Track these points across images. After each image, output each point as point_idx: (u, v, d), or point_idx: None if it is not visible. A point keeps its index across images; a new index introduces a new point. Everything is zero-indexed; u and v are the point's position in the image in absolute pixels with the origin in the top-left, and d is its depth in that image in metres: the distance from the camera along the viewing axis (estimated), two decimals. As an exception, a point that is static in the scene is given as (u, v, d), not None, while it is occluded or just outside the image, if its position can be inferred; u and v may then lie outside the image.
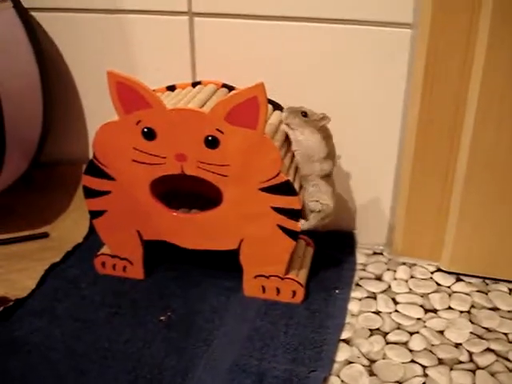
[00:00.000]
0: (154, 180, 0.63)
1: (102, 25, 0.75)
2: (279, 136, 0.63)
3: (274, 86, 0.61)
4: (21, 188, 0.83)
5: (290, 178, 0.60)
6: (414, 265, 0.76)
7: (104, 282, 0.70)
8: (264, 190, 0.60)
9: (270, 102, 0.66)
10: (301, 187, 0.64)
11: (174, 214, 0.65)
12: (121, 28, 0.74)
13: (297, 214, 0.61)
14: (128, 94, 0.58)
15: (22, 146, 0.74)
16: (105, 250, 0.71)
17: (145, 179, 0.63)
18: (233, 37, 0.71)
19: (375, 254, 0.78)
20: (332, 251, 0.76)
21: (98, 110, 0.80)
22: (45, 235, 0.78)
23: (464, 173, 0.68)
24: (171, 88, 0.68)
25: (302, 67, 0.71)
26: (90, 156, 0.61)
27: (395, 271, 0.74)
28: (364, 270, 0.75)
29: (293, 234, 0.62)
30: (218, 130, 0.58)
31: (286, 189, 0.60)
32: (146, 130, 0.60)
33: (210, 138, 0.58)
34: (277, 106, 0.69)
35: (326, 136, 0.63)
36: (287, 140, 0.64)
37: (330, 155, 0.63)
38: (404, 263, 0.76)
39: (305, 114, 0.62)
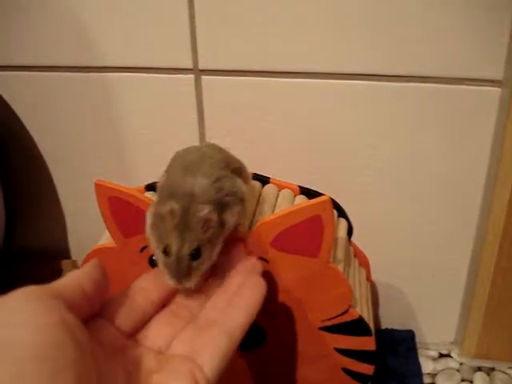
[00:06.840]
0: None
1: (76, 87, 0.56)
2: (340, 253, 0.46)
3: (304, 154, 0.53)
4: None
5: (364, 313, 0.44)
6: (493, 370, 0.60)
7: None
8: (326, 329, 0.43)
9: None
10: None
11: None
12: (103, 90, 0.55)
13: (370, 357, 0.45)
14: (127, 213, 0.40)
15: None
16: None
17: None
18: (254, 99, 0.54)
19: (442, 356, 0.62)
20: (391, 356, 0.60)
21: (73, 194, 0.62)
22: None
23: None
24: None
25: (343, 131, 0.54)
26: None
27: (471, 382, 0.59)
28: (434, 383, 0.59)
29: (363, 379, 0.46)
30: (261, 258, 0.40)
31: (357, 328, 0.43)
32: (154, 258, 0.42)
33: (248, 268, 0.41)
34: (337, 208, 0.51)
35: None
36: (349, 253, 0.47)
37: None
38: (480, 368, 0.60)
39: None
